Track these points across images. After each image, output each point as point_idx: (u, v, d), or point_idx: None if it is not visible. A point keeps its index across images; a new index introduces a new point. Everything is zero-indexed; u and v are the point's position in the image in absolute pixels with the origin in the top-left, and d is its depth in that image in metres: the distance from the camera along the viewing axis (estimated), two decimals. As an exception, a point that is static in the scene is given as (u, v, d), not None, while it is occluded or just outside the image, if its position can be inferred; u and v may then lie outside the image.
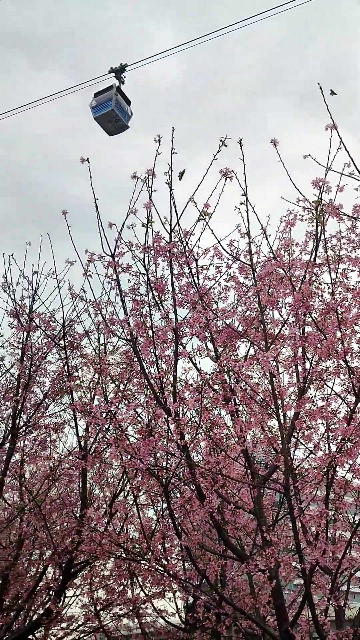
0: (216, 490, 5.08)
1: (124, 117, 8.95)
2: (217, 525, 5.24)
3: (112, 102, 8.80)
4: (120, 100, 8.91)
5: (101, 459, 6.80)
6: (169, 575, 6.00)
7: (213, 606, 6.00)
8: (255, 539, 5.79)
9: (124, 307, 5.74)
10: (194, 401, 4.73)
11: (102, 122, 8.93)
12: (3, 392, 7.44)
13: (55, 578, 7.67)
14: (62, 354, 7.20)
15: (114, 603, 7.51)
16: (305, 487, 4.93)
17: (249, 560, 4.95)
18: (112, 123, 8.96)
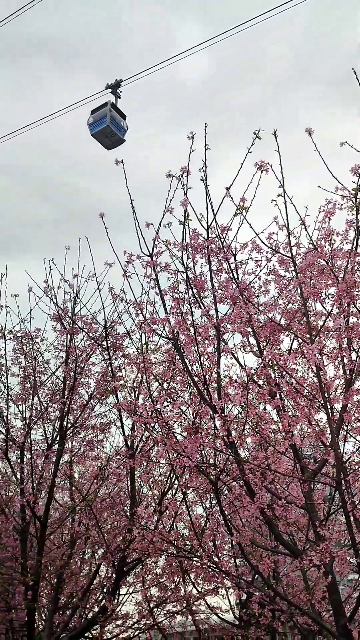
0: (265, 485, 5.04)
1: (119, 131, 9.48)
2: (268, 521, 5.20)
3: (107, 119, 9.34)
4: (115, 115, 9.45)
5: (148, 458, 6.85)
6: (221, 572, 6.00)
7: (267, 602, 5.96)
8: (308, 534, 5.72)
9: (164, 305, 5.75)
10: (240, 397, 4.70)
11: (99, 138, 9.49)
12: (50, 394, 7.58)
13: (108, 576, 7.77)
14: (105, 355, 7.28)
15: (167, 600, 7.55)
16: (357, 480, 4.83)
17: (302, 555, 4.89)
18: (109, 138, 9.49)
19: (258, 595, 5.69)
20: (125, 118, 9.68)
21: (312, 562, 4.61)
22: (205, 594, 7.13)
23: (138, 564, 7.21)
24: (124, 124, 9.65)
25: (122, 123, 9.61)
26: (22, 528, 7.19)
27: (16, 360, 7.54)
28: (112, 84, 9.54)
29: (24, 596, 6.97)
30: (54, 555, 7.52)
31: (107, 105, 9.37)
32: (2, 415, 7.27)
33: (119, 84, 9.47)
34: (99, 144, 9.55)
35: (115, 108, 9.53)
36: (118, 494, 7.50)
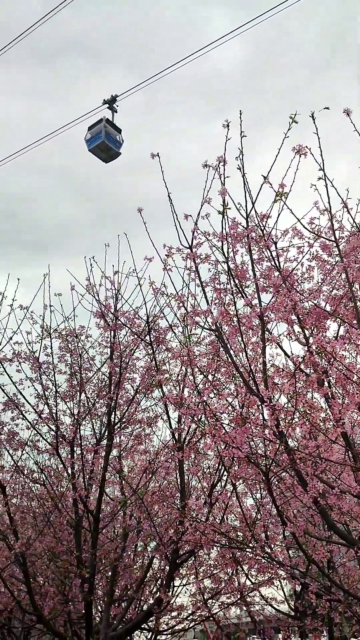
0: (317, 475, 4.96)
1: (114, 145, 10.24)
2: (321, 510, 5.12)
3: (102, 135, 10.11)
4: (111, 130, 10.20)
5: (197, 450, 6.86)
6: (275, 563, 5.95)
7: (324, 592, 5.88)
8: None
9: (205, 297, 5.74)
10: (288, 386, 4.63)
11: (96, 153, 10.23)
12: (96, 390, 7.68)
13: (161, 568, 7.84)
14: (149, 349, 7.32)
15: (221, 592, 7.56)
16: None
17: (358, 545, 4.80)
18: (105, 152, 10.25)
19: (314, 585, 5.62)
20: (121, 132, 10.37)
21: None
22: (260, 585, 7.11)
23: (191, 556, 7.24)
24: (119, 138, 10.35)
25: (117, 137, 10.33)
26: (76, 522, 7.33)
27: (62, 358, 7.67)
28: (108, 99, 10.21)
29: (81, 589, 7.11)
30: (108, 548, 7.63)
31: (102, 121, 10.11)
32: (52, 413, 7.41)
33: (114, 99, 10.13)
34: (97, 158, 10.35)
35: (111, 123, 10.24)
36: (167, 487, 7.54)
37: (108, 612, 7.37)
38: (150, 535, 7.05)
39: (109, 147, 10.19)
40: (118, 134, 10.32)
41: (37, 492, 7.68)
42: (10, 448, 7.50)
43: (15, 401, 7.41)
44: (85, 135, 10.30)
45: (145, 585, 8.19)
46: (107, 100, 10.18)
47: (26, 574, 7.12)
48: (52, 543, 7.44)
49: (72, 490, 7.15)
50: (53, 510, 7.40)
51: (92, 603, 7.41)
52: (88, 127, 10.24)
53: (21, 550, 6.99)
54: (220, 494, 6.65)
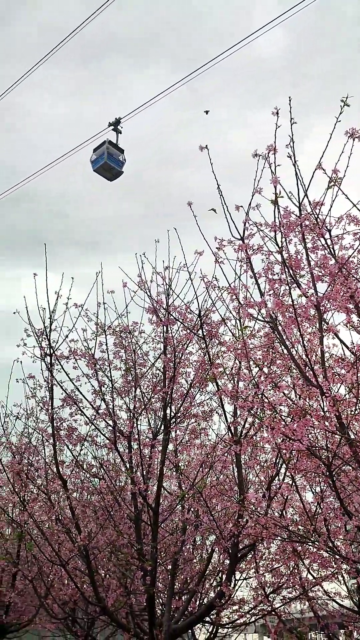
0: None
1: (116, 165, 11.35)
2: (387, 503, 4.98)
3: (104, 156, 11.21)
4: (113, 151, 11.25)
5: (254, 444, 6.80)
6: (339, 557, 5.83)
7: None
8: None
9: (259, 289, 5.67)
10: (351, 376, 4.52)
11: (100, 172, 11.37)
12: (151, 385, 7.75)
13: (221, 562, 7.84)
14: (202, 343, 7.31)
15: (283, 586, 7.49)
16: None
17: None
18: (108, 171, 11.37)
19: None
20: (123, 152, 11.46)
21: None
22: (322, 580, 6.99)
23: (251, 550, 7.20)
24: (121, 158, 11.42)
25: (119, 157, 11.40)
26: (136, 516, 7.42)
27: (117, 354, 7.77)
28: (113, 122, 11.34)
29: (143, 581, 7.20)
30: (168, 541, 7.69)
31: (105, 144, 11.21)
32: (109, 408, 7.53)
33: (118, 121, 11.23)
34: (102, 177, 11.50)
35: (114, 145, 11.33)
36: (225, 480, 7.52)
37: (170, 605, 7.43)
38: (210, 528, 7.05)
39: (112, 167, 11.21)
40: (121, 154, 11.35)
41: (97, 486, 7.82)
42: (69, 443, 7.67)
43: (73, 397, 7.57)
44: (90, 157, 11.36)
45: (206, 579, 8.21)
46: (111, 122, 11.21)
47: (89, 566, 7.28)
48: (113, 536, 7.56)
49: (131, 484, 7.24)
50: (113, 504, 7.52)
51: (154, 595, 7.49)
52: (93, 149, 11.27)
53: (84, 543, 7.15)
54: (279, 488, 6.58)
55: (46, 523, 8.40)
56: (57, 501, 8.09)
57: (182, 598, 8.34)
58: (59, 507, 7.82)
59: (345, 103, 5.18)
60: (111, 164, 11.23)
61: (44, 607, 8.58)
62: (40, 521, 8.44)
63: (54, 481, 7.91)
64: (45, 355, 7.59)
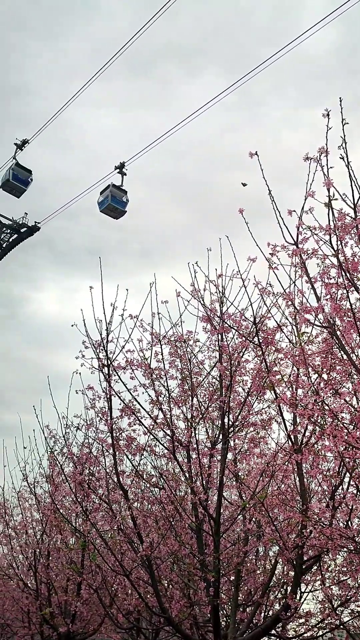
0: None
1: (120, 206, 13.98)
2: None
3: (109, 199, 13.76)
4: (117, 193, 13.80)
5: (315, 452, 6.64)
6: None
7: None
8: None
9: (315, 293, 5.57)
10: None
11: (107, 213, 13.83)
12: (208, 394, 7.72)
13: (285, 573, 7.68)
14: (258, 350, 7.22)
15: (351, 599, 7.25)
16: None
17: None
18: (113, 212, 13.93)
19: None
20: (126, 193, 13.99)
21: None
22: (393, 594, 6.72)
23: (316, 561, 7.01)
24: (124, 199, 13.89)
25: (123, 198, 13.79)
26: (197, 525, 7.39)
27: (173, 364, 7.80)
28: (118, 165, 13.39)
29: (206, 592, 7.14)
30: (230, 552, 7.61)
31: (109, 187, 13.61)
32: (166, 418, 7.55)
33: (123, 165, 13.26)
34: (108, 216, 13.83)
35: (118, 188, 13.75)
36: (287, 490, 7.37)
37: (234, 616, 7.34)
38: (273, 539, 6.92)
39: (116, 208, 13.59)
40: (124, 194, 13.66)
41: (157, 496, 7.85)
42: (129, 453, 7.74)
43: (131, 407, 7.64)
44: (97, 198, 13.58)
45: (270, 590, 8.05)
46: (117, 166, 13.24)
47: (152, 576, 7.30)
48: (175, 546, 7.56)
49: (191, 494, 7.22)
50: (174, 514, 7.52)
51: (218, 607, 7.42)
52: (100, 192, 13.49)
53: (146, 553, 7.18)
54: (343, 497, 6.39)
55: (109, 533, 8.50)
56: (119, 511, 8.17)
57: (247, 610, 8.22)
58: (121, 517, 7.90)
59: None
60: (115, 205, 13.30)
61: (109, 616, 8.66)
62: (102, 531, 8.54)
63: (115, 491, 8.00)
64: (103, 367, 7.71)
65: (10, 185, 13.44)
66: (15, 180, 13.84)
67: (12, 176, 13.23)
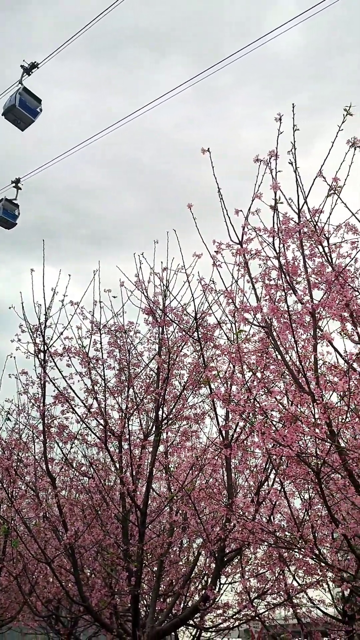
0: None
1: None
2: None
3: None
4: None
5: (244, 448, 6.80)
6: (324, 565, 5.84)
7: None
8: None
9: (255, 293, 5.68)
10: (342, 384, 4.53)
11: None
12: (145, 386, 7.74)
13: (207, 565, 7.83)
14: (197, 346, 7.31)
15: (267, 592, 7.49)
16: None
17: None
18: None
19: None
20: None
21: None
22: (307, 587, 6.99)
23: (237, 554, 7.19)
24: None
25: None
26: (123, 516, 7.40)
27: (111, 354, 7.76)
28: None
29: (127, 582, 7.18)
30: (155, 542, 7.68)
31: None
32: (101, 407, 7.51)
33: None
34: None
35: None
36: (214, 484, 7.52)
37: (154, 606, 7.41)
38: (197, 531, 7.04)
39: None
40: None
41: (86, 485, 7.80)
42: (60, 441, 7.65)
43: (65, 395, 7.55)
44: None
45: (191, 582, 8.19)
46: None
47: (75, 565, 7.25)
48: (99, 536, 7.55)
49: (120, 484, 7.23)
50: (101, 503, 7.50)
51: (139, 596, 7.47)
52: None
53: (70, 541, 7.13)
54: (267, 493, 6.58)
55: (33, 520, 8.37)
56: (45, 498, 8.06)
57: (167, 600, 8.32)
58: (47, 505, 7.80)
59: (348, 112, 5.20)
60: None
61: (27, 604, 8.54)
62: (27, 518, 8.40)
63: (43, 478, 7.89)
64: (39, 352, 7.57)
65: (16, 113, 10.71)
66: (23, 108, 10.77)
67: (19, 102, 10.61)
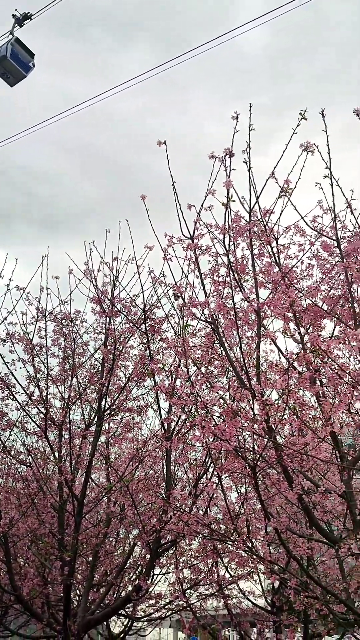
0: (303, 472, 4.98)
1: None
2: (305, 508, 5.15)
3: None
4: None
5: (185, 441, 6.87)
6: (256, 557, 5.99)
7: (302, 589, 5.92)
8: (345, 523, 5.64)
9: (203, 289, 5.73)
10: (280, 382, 4.64)
11: None
12: (88, 376, 7.68)
13: (142, 556, 7.88)
14: (144, 338, 7.31)
15: (200, 583, 7.61)
16: None
17: (340, 543, 4.83)
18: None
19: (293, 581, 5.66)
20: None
21: (350, 550, 4.55)
22: (239, 579, 7.16)
23: (172, 545, 7.27)
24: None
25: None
26: (60, 505, 7.34)
27: (56, 342, 7.66)
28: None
29: (61, 571, 7.13)
30: (90, 533, 7.66)
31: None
32: (42, 395, 7.40)
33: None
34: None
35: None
36: (154, 476, 7.56)
37: (87, 596, 7.40)
38: (133, 522, 7.07)
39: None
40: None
41: (23, 473, 7.68)
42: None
43: (6, 381, 7.40)
44: None
45: (125, 572, 8.23)
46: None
47: (7, 553, 7.14)
48: (34, 525, 7.45)
49: (58, 473, 7.16)
50: (38, 492, 7.41)
51: (71, 586, 7.44)
52: None
53: (4, 530, 7.01)
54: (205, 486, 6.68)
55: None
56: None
57: (100, 590, 8.33)
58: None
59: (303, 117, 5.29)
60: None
61: None
62: None
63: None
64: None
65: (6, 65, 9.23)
66: (14, 60, 9.24)
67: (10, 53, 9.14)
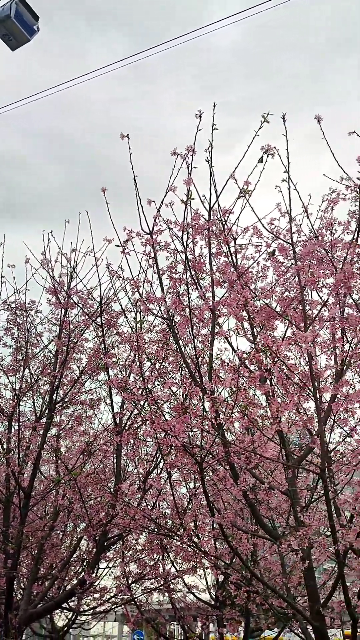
0: (250, 469, 5.08)
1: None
2: (250, 504, 5.25)
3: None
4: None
5: (136, 436, 6.88)
6: (201, 552, 6.07)
7: (244, 584, 6.04)
8: (288, 520, 5.78)
9: (161, 285, 5.74)
10: (230, 380, 4.71)
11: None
12: (41, 367, 7.58)
13: (89, 550, 7.85)
14: (99, 331, 7.27)
15: (145, 577, 7.64)
16: (341, 470, 4.88)
17: (281, 540, 4.95)
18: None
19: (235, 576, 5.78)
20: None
21: (290, 546, 4.67)
22: (184, 573, 7.22)
23: (119, 539, 7.28)
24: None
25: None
26: (6, 498, 7.23)
27: (9, 331, 7.53)
28: None
29: (4, 564, 7.03)
30: (36, 525, 7.58)
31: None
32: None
33: None
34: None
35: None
36: (103, 470, 7.54)
37: (30, 589, 7.33)
38: (80, 516, 7.04)
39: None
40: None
41: (-31, 464, 7.52)
42: None
43: None
44: None
45: (71, 566, 8.18)
46: None
47: None
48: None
49: (5, 465, 7.05)
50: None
51: (14, 579, 7.35)
52: None
53: None
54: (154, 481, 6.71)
55: None
56: None
57: (45, 583, 8.25)
58: None
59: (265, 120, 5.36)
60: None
61: None
62: None
63: None
64: None
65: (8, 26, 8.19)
66: (18, 21, 8.22)
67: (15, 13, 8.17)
